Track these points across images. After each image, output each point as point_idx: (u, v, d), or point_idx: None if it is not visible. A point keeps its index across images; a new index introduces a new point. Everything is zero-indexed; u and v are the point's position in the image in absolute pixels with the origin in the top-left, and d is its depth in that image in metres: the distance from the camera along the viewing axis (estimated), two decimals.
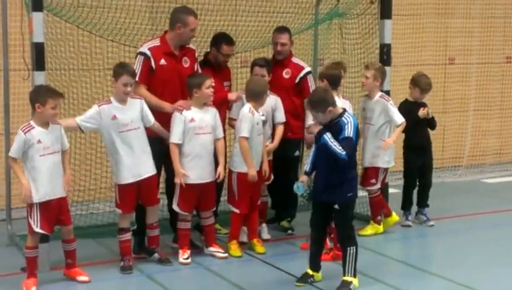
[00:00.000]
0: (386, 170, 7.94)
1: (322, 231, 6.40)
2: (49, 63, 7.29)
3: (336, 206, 6.17)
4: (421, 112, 8.00)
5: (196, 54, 7.28)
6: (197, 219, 7.28)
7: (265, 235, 7.63)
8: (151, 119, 6.70)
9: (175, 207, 6.93)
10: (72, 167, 8.08)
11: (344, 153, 5.96)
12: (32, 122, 6.15)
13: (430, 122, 8.19)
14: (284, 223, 8.00)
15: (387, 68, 8.04)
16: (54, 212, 6.25)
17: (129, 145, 6.54)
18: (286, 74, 7.73)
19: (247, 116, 6.97)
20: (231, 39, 7.54)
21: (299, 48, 8.80)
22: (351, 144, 6.02)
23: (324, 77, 7.21)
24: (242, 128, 6.95)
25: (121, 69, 6.54)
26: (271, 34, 7.90)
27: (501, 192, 10.21)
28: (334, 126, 6.11)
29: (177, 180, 6.78)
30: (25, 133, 6.08)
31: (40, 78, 6.52)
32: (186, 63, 7.09)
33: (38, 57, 6.52)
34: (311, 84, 7.71)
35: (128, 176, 6.56)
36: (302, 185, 6.29)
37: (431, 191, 8.43)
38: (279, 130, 7.50)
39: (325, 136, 6.01)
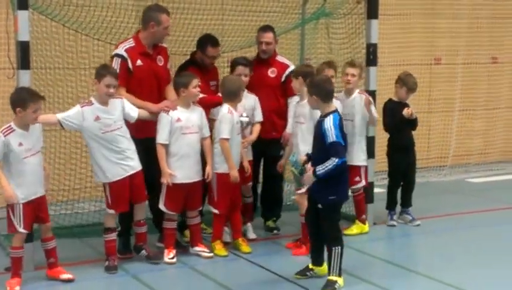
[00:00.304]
0: (366, 167, 7.94)
1: (317, 227, 6.35)
2: (35, 62, 7.24)
3: (320, 206, 6.20)
4: (406, 112, 8.01)
5: (168, 52, 7.23)
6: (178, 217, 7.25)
7: (251, 234, 7.62)
8: (134, 114, 6.65)
9: (162, 207, 6.90)
10: (56, 166, 8.10)
11: (336, 159, 5.95)
12: (13, 125, 6.09)
13: (412, 123, 8.20)
14: (270, 223, 8.00)
15: (373, 68, 8.07)
16: (35, 211, 6.23)
17: (114, 145, 6.51)
18: (271, 72, 7.73)
19: (227, 117, 6.96)
20: (216, 41, 7.52)
21: (285, 48, 8.80)
22: (338, 148, 6.01)
23: (300, 75, 7.05)
24: (222, 129, 6.94)
25: (104, 71, 6.51)
26: None
27: (486, 192, 10.26)
28: (317, 124, 6.20)
29: (163, 180, 6.77)
30: (5, 136, 6.03)
31: (25, 77, 6.48)
32: (160, 61, 7.05)
33: (24, 55, 6.47)
34: None
35: (119, 172, 6.53)
36: (298, 158, 6.29)
37: (416, 190, 8.46)
38: (257, 127, 7.49)
39: (317, 173, 6.00)
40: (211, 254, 7.04)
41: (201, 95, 6.98)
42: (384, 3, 9.53)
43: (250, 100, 7.42)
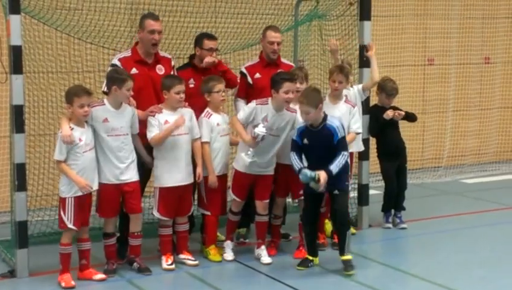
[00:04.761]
0: None
1: (313, 220, 6.90)
2: (27, 66, 7.23)
3: (336, 192, 6.70)
4: (386, 114, 7.98)
5: (173, 63, 7.18)
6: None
7: (266, 259, 7.07)
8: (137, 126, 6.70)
9: (155, 213, 6.83)
10: (51, 171, 8.05)
11: (346, 153, 6.61)
12: (71, 123, 6.29)
13: (409, 118, 8.21)
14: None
15: (366, 69, 8.04)
16: (86, 207, 6.41)
17: (115, 150, 6.48)
18: None
19: (203, 120, 6.94)
20: (212, 35, 7.42)
21: None
22: (345, 142, 6.68)
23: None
24: (201, 133, 6.93)
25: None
26: (251, 36, 7.85)
27: (481, 192, 10.26)
28: (323, 131, 6.58)
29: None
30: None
31: (18, 81, 6.44)
32: (160, 70, 7.01)
33: (16, 60, 6.44)
34: None
35: (110, 176, 6.50)
36: (308, 171, 6.51)
37: (411, 192, 8.45)
38: None
39: (333, 171, 6.50)
40: (196, 262, 6.92)
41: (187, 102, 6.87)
42: (377, 5, 9.57)
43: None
